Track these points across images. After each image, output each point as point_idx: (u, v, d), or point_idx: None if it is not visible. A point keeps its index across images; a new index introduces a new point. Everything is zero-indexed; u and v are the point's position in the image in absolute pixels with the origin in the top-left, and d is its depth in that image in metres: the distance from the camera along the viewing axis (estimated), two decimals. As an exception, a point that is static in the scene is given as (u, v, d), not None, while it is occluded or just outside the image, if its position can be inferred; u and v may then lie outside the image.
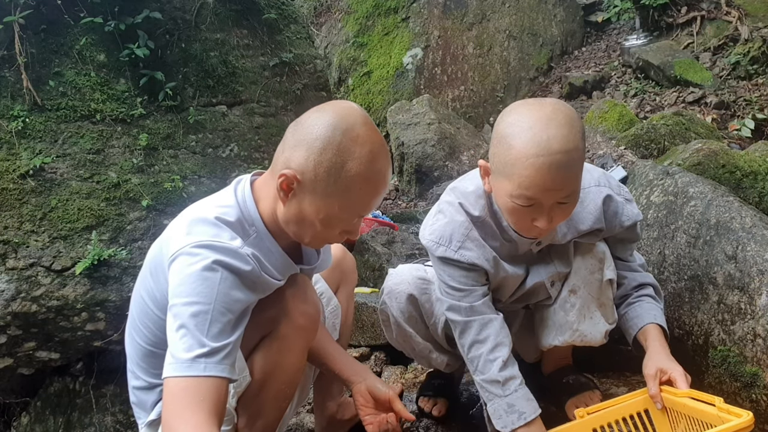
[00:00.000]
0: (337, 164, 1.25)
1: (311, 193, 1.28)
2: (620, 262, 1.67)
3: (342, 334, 1.84)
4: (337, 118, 1.28)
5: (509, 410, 1.53)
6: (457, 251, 1.54)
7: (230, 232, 1.31)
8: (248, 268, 1.28)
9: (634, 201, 1.65)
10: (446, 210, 1.58)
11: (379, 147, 1.29)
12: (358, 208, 1.30)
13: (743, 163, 2.44)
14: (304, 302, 1.44)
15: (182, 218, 1.39)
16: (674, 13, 5.33)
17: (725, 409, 1.25)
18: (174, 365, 1.20)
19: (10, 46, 2.55)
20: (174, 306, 1.24)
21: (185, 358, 1.19)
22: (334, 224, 1.31)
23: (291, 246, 1.44)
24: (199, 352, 1.20)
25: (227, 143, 2.92)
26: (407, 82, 5.14)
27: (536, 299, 1.66)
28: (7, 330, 2.36)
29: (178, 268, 1.25)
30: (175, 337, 1.22)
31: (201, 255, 1.24)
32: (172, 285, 1.26)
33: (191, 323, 1.21)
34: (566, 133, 1.27)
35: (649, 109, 4.53)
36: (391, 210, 3.90)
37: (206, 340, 1.20)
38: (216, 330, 1.22)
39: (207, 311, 1.22)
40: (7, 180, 2.41)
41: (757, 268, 1.61)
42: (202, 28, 3.00)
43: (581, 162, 1.33)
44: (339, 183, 1.26)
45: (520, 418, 1.52)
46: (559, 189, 1.31)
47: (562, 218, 1.40)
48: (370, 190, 1.29)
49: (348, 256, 1.90)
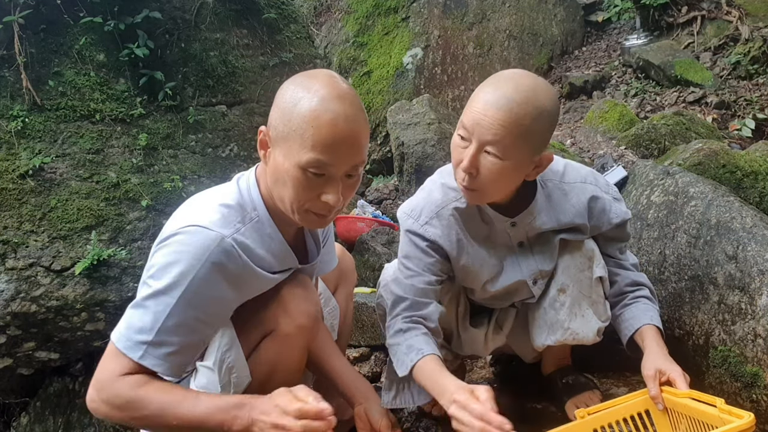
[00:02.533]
0: (291, 102, 1.24)
1: (277, 143, 1.27)
2: (611, 260, 1.67)
3: (341, 335, 1.84)
4: (303, 75, 1.30)
5: (408, 351, 1.50)
6: (422, 226, 1.56)
7: (227, 219, 1.30)
8: (231, 263, 1.27)
9: (624, 200, 1.67)
10: (427, 187, 1.63)
11: (340, 92, 1.24)
12: (316, 149, 1.21)
13: (744, 163, 2.44)
14: (305, 301, 1.44)
15: (184, 205, 1.40)
16: (674, 12, 5.32)
17: (726, 410, 1.25)
18: (121, 337, 1.25)
19: (9, 46, 2.55)
20: (145, 282, 1.27)
21: (133, 337, 1.24)
22: (304, 179, 1.24)
23: (293, 241, 1.44)
24: (145, 339, 1.23)
25: (227, 143, 2.92)
26: (407, 82, 5.13)
27: (519, 297, 1.66)
28: (7, 330, 2.36)
29: (165, 248, 1.26)
30: (134, 312, 1.26)
31: (188, 242, 1.24)
32: (153, 261, 1.27)
33: (152, 306, 1.24)
34: (522, 91, 1.34)
35: (650, 109, 4.52)
36: (391, 210, 3.90)
37: (156, 330, 1.23)
38: (171, 323, 1.24)
39: (170, 303, 1.23)
40: (6, 180, 2.41)
41: (757, 268, 1.60)
42: (202, 27, 2.99)
43: (523, 125, 1.33)
44: (293, 121, 1.23)
45: (418, 354, 1.47)
46: (487, 127, 1.34)
47: (487, 177, 1.39)
48: (324, 127, 1.21)
49: (347, 256, 1.89)
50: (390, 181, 4.26)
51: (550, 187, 1.56)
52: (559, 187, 1.57)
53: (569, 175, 1.59)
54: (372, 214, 3.65)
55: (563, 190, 1.57)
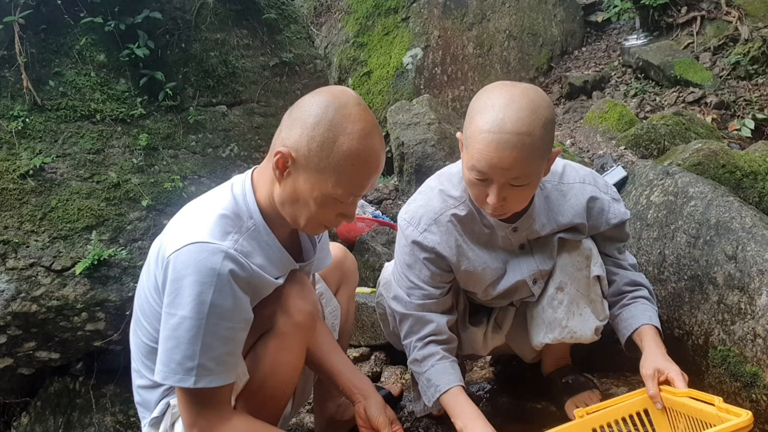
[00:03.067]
0: (330, 139, 1.26)
1: (305, 170, 1.28)
2: (610, 259, 1.68)
3: (342, 335, 1.84)
4: (331, 97, 1.30)
5: (428, 385, 1.58)
6: (422, 233, 1.57)
7: (224, 230, 1.31)
8: (241, 270, 1.28)
9: (623, 201, 1.67)
10: (425, 192, 1.63)
11: (371, 126, 1.30)
12: (351, 185, 1.30)
13: (743, 163, 2.44)
14: (302, 299, 1.44)
15: (180, 215, 1.40)
16: (674, 13, 5.32)
17: (724, 409, 1.26)
18: (169, 374, 1.27)
19: (10, 46, 2.54)
20: (168, 314, 1.27)
21: (180, 369, 1.26)
22: (328, 204, 1.31)
23: (288, 240, 1.44)
24: (191, 365, 1.24)
25: (227, 143, 2.92)
26: (407, 82, 5.13)
27: (519, 296, 1.67)
28: (7, 330, 2.36)
29: (172, 272, 1.26)
30: (169, 346, 1.26)
31: (194, 261, 1.25)
32: (167, 290, 1.28)
33: (184, 335, 1.24)
34: (523, 117, 1.31)
35: (649, 109, 4.53)
36: (391, 210, 3.90)
37: (197, 353, 1.25)
38: (208, 341, 1.25)
39: (200, 325, 1.24)
40: (7, 180, 2.41)
41: (757, 268, 1.61)
42: (202, 28, 2.99)
43: (535, 148, 1.33)
44: (331, 158, 1.26)
45: (436, 391, 1.55)
46: (507, 168, 1.33)
47: (516, 201, 1.42)
48: (362, 166, 1.29)
49: (349, 257, 1.90)
50: (390, 181, 4.26)
51: (549, 188, 1.57)
52: (557, 188, 1.57)
53: (568, 176, 1.59)
54: (372, 214, 3.66)
55: (561, 191, 1.57)
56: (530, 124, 1.32)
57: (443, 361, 1.58)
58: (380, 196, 4.12)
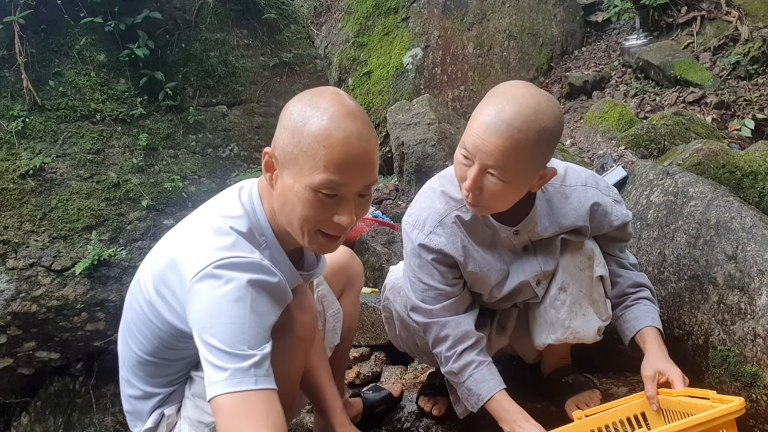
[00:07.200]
0: (300, 123, 1.20)
1: (285, 166, 1.22)
2: (612, 259, 1.68)
3: (345, 338, 1.82)
4: (309, 93, 1.25)
5: (469, 394, 1.60)
6: (427, 236, 1.57)
7: (248, 244, 1.25)
8: (275, 279, 1.23)
9: (624, 202, 1.68)
10: (426, 194, 1.63)
11: (348, 108, 1.20)
12: (328, 170, 1.17)
13: (743, 163, 2.44)
14: (303, 312, 1.41)
15: (192, 229, 1.32)
16: (674, 13, 5.32)
17: (718, 399, 1.27)
18: (220, 383, 1.13)
19: (10, 46, 2.55)
20: (205, 331, 1.17)
21: (230, 372, 1.13)
22: (313, 200, 1.20)
23: (293, 253, 1.42)
24: (242, 365, 1.14)
25: (227, 143, 2.92)
26: (407, 82, 5.13)
27: (523, 298, 1.67)
28: (7, 330, 2.36)
29: (204, 292, 1.18)
30: (213, 358, 1.15)
31: (226, 277, 1.17)
32: (197, 309, 1.19)
33: (229, 342, 1.15)
34: (523, 113, 1.33)
35: (649, 109, 4.52)
36: (391, 210, 3.90)
37: (248, 352, 1.15)
38: (255, 343, 1.17)
39: (243, 331, 1.16)
40: (7, 180, 2.41)
41: (757, 268, 1.61)
42: (202, 28, 2.99)
43: (523, 148, 1.34)
44: (303, 142, 1.18)
45: (479, 400, 1.58)
46: (488, 153, 1.34)
47: (491, 197, 1.41)
48: (336, 147, 1.17)
49: (356, 261, 1.86)
50: (390, 181, 4.26)
51: (551, 192, 1.57)
52: (559, 191, 1.57)
53: (570, 178, 1.59)
54: (372, 214, 3.65)
55: (564, 194, 1.57)
56: (527, 122, 1.32)
57: (480, 368, 1.59)
58: (380, 196, 4.12)
